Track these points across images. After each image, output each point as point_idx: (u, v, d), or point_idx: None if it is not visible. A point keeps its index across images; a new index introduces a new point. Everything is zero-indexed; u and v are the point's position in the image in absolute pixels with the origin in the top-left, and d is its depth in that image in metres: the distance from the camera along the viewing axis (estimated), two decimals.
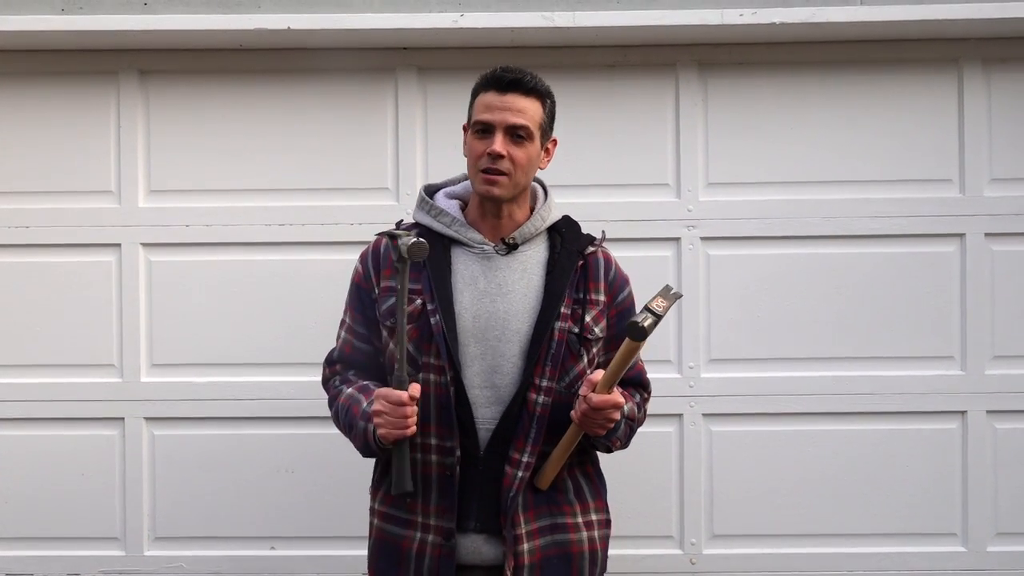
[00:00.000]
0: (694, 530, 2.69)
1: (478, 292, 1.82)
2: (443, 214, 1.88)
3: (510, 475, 1.78)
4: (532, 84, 1.82)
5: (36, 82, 2.71)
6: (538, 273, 1.86)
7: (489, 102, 1.81)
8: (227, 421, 2.67)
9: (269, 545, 2.68)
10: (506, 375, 1.80)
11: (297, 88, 2.71)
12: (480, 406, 1.79)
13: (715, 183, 2.72)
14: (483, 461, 1.79)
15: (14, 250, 2.70)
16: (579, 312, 1.85)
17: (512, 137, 1.80)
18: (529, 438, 1.79)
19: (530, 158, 1.82)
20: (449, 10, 2.58)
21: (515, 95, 1.80)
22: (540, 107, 1.83)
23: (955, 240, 2.70)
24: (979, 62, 2.70)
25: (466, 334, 1.80)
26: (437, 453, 1.79)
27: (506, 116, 1.79)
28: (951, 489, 2.69)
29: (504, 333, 1.80)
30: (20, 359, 2.70)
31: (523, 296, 1.83)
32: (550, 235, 1.92)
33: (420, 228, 1.89)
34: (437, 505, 1.79)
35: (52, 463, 2.69)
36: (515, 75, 1.81)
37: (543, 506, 1.83)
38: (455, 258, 1.86)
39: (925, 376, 2.69)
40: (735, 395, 2.69)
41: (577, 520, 1.87)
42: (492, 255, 1.85)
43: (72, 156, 2.71)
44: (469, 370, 1.79)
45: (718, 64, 2.71)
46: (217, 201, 2.71)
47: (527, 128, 1.80)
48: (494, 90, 1.81)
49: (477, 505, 1.79)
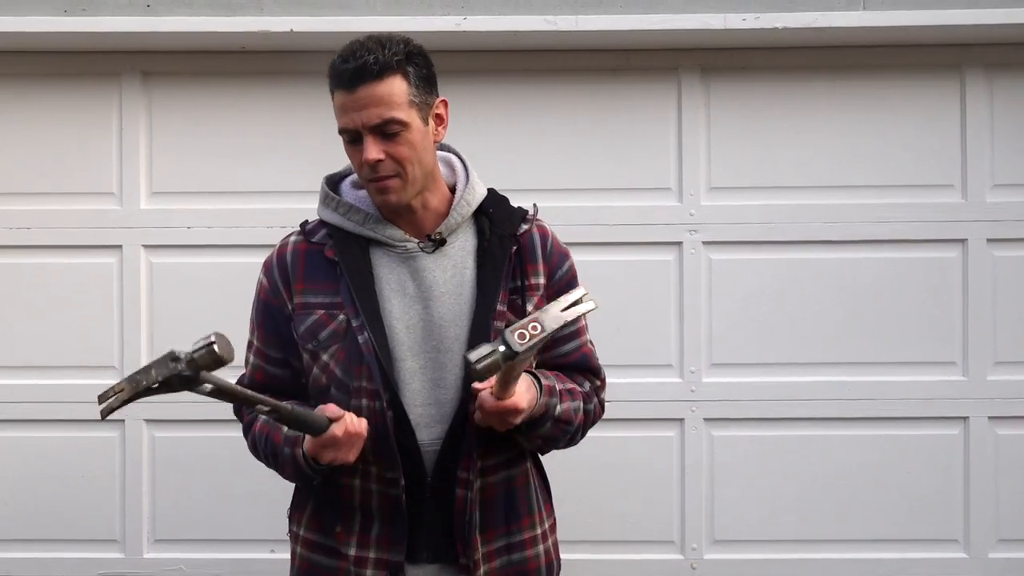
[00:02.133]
0: (695, 535, 2.68)
1: (408, 298, 1.60)
2: (353, 211, 1.63)
3: (461, 497, 1.58)
4: (379, 64, 1.50)
5: (38, 83, 2.71)
6: (469, 266, 1.63)
7: (342, 103, 1.53)
8: (227, 423, 2.63)
9: (269, 548, 2.68)
10: (450, 388, 1.59)
11: (299, 91, 2.71)
12: (423, 427, 1.58)
13: (717, 187, 2.71)
14: (431, 487, 1.59)
15: (16, 251, 2.70)
16: (518, 303, 1.62)
17: (382, 136, 1.53)
18: (475, 454, 1.58)
19: (415, 146, 1.55)
20: (452, 13, 2.58)
21: (365, 86, 1.50)
22: (403, 81, 1.52)
23: (957, 245, 2.70)
24: (981, 67, 2.70)
25: (401, 348, 1.58)
26: (378, 483, 1.58)
27: (365, 116, 1.51)
28: (953, 495, 2.69)
29: (443, 342, 1.59)
30: (20, 360, 2.69)
31: (456, 297, 1.61)
32: (477, 219, 1.67)
33: (329, 228, 1.64)
34: (379, 536, 1.59)
35: (52, 465, 2.68)
36: (356, 62, 1.50)
37: (501, 526, 1.64)
38: (376, 261, 1.61)
39: (927, 382, 2.68)
40: (737, 400, 2.68)
41: (535, 533, 1.68)
42: (417, 254, 1.61)
43: (74, 158, 2.71)
44: (408, 388, 1.58)
45: (721, 68, 2.71)
46: (219, 203, 2.71)
47: (394, 119, 1.52)
48: (341, 88, 1.53)
49: (427, 533, 1.60)
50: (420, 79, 1.56)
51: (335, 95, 1.55)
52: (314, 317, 1.61)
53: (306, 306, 1.62)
